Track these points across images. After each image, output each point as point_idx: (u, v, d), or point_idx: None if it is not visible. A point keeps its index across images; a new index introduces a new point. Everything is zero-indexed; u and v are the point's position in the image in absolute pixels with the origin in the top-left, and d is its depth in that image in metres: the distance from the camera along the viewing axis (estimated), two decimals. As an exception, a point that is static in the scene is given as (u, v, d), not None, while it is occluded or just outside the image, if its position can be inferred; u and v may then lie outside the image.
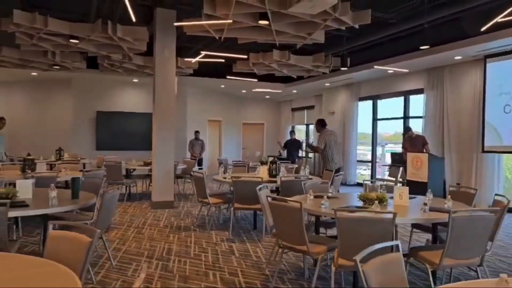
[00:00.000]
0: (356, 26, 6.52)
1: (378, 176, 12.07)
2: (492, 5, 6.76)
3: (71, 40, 7.46)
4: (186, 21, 6.60)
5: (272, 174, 6.82)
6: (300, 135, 16.73)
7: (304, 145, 13.03)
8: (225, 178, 6.69)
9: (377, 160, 12.45)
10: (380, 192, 4.53)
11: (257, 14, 6.04)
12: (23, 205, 3.82)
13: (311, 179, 6.77)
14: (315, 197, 4.50)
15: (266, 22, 6.15)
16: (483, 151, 8.53)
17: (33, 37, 7.37)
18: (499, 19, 6.06)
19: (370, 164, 12.61)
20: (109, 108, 13.30)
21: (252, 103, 17.44)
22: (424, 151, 8.74)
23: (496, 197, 4.19)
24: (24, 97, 13.68)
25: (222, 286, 3.96)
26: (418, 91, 10.51)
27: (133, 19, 6.11)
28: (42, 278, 1.97)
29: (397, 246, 2.16)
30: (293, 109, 17.17)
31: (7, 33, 7.20)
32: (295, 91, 15.05)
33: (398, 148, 10.93)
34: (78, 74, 11.94)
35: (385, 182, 5.75)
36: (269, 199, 3.91)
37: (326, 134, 8.09)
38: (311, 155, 15.45)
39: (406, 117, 11.17)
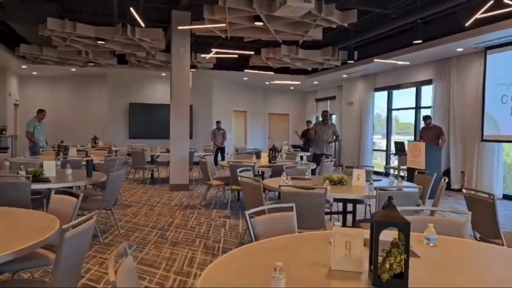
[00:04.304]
0: (346, 25, 7.08)
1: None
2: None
3: (98, 42, 8.50)
4: (193, 24, 7.44)
5: (271, 160, 7.57)
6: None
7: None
8: (228, 163, 7.50)
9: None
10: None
11: (252, 17, 6.77)
12: (45, 180, 4.82)
13: (306, 165, 7.47)
14: (292, 178, 5.24)
15: (261, 24, 6.87)
16: (482, 140, 8.83)
17: (66, 39, 8.46)
18: (478, 15, 6.43)
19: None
20: (140, 100, 14.48)
21: (278, 94, 18.10)
22: (440, 141, 8.97)
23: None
24: (66, 90, 15.16)
25: (202, 250, 4.79)
26: (428, 82, 10.82)
27: (142, 24, 6.99)
28: (35, 220, 2.87)
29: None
30: (317, 100, 17.69)
31: (46, 36, 8.33)
32: (316, 82, 15.59)
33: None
34: (113, 70, 13.15)
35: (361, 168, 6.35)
36: (239, 178, 4.69)
37: (317, 125, 8.95)
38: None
39: (417, 107, 11.50)
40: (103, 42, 8.58)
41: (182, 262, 4.37)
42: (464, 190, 3.95)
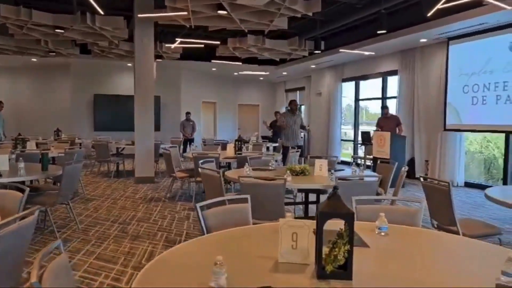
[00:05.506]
0: (311, 14, 7.05)
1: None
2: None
3: (56, 30, 8.17)
4: (156, 12, 7.23)
5: (236, 151, 7.50)
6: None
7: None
8: (192, 155, 7.38)
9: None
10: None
11: (215, 5, 6.63)
12: (-5, 174, 4.58)
13: (272, 155, 7.45)
14: (254, 169, 5.18)
15: (224, 12, 6.74)
16: (445, 130, 9.02)
17: (22, 27, 8.09)
18: (440, 5, 6.51)
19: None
20: (106, 91, 14.10)
21: (247, 85, 17.98)
22: (397, 131, 9.20)
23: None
24: (27, 81, 14.60)
25: (163, 243, 4.69)
26: (394, 72, 10.95)
27: (101, 12, 6.74)
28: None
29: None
30: (287, 90, 17.69)
31: (1, 24, 7.93)
32: (285, 73, 15.57)
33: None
34: (76, 60, 12.71)
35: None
36: (200, 170, 4.60)
37: (286, 115, 8.75)
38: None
39: (383, 98, 11.65)
40: (62, 31, 8.26)
41: (141, 256, 4.26)
42: (421, 179, 3.98)
